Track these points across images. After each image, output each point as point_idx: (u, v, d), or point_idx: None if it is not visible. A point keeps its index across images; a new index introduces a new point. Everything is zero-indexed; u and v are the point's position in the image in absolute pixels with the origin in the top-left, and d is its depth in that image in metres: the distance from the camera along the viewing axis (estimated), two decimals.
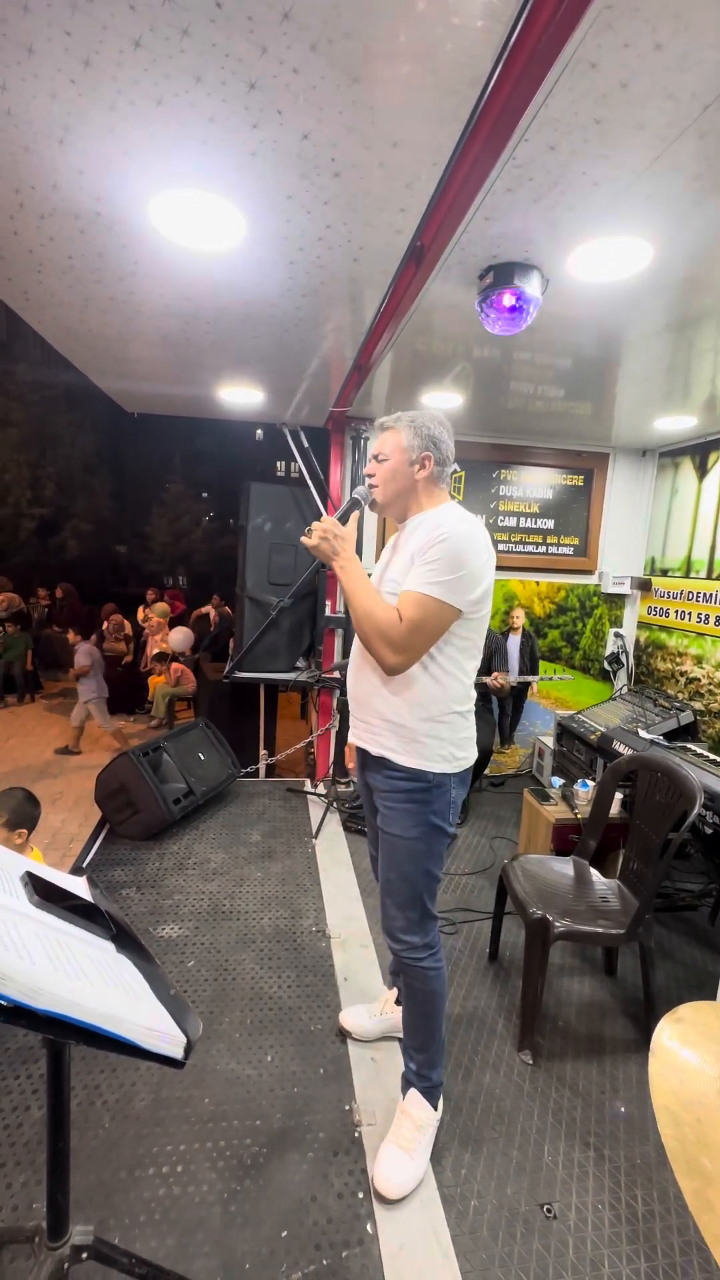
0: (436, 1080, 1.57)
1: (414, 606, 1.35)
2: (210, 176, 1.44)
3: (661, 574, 4.10)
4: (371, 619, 1.37)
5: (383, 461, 1.48)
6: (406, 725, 1.45)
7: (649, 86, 1.12)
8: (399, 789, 1.48)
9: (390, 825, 1.51)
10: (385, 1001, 1.93)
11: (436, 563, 1.35)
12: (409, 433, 1.46)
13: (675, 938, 2.53)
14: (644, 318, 2.12)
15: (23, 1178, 1.42)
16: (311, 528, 1.41)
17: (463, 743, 1.50)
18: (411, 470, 1.47)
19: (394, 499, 1.51)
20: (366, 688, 1.52)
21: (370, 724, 1.52)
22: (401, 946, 1.53)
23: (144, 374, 3.15)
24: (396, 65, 1.09)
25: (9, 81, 1.18)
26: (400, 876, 1.51)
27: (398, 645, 1.36)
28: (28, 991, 0.68)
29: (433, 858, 1.51)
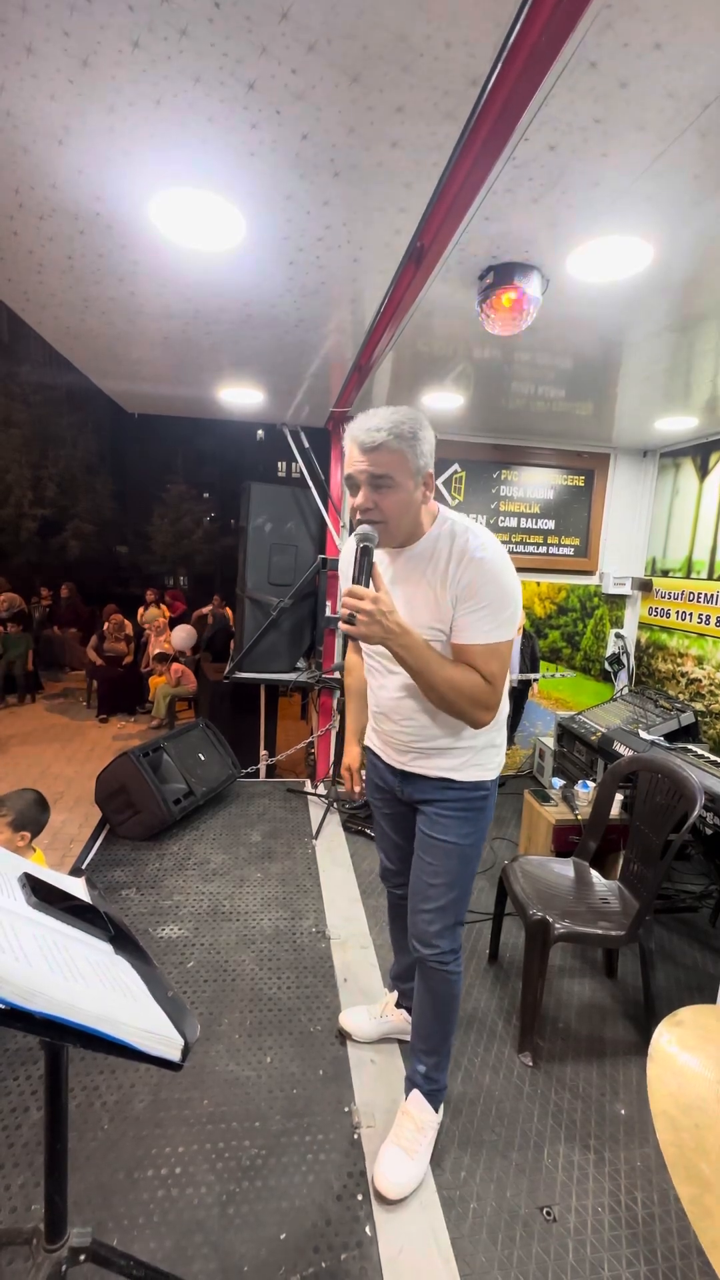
0: (443, 1084, 1.58)
1: (492, 660, 1.26)
2: (209, 176, 1.44)
3: (662, 575, 4.10)
4: (457, 689, 1.24)
5: (387, 489, 1.24)
6: (466, 747, 1.43)
7: (649, 86, 1.11)
8: (458, 799, 1.47)
9: (446, 833, 1.47)
10: (386, 1004, 1.91)
11: (491, 605, 1.25)
12: (412, 453, 1.24)
13: (676, 939, 2.52)
14: (645, 318, 2.12)
15: (21, 1179, 1.42)
16: (351, 608, 1.14)
17: (503, 744, 1.54)
18: (419, 495, 1.29)
19: (404, 530, 1.30)
20: (418, 734, 1.45)
21: (421, 755, 1.47)
22: (433, 951, 1.50)
23: (145, 375, 3.15)
24: (395, 65, 1.09)
25: (8, 82, 1.18)
26: (448, 882, 1.48)
27: (493, 705, 1.30)
28: (24, 994, 0.68)
29: (475, 864, 1.52)
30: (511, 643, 1.30)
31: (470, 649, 1.27)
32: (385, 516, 1.25)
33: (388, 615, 1.16)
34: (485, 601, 1.24)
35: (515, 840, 3.31)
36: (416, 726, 1.44)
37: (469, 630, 1.26)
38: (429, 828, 1.50)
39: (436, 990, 1.53)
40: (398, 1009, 1.88)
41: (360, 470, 1.24)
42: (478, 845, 1.52)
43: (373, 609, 1.14)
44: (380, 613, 1.15)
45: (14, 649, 7.22)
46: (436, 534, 1.32)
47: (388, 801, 1.64)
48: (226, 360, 2.80)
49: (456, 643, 1.29)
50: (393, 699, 1.46)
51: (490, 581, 1.25)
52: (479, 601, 1.25)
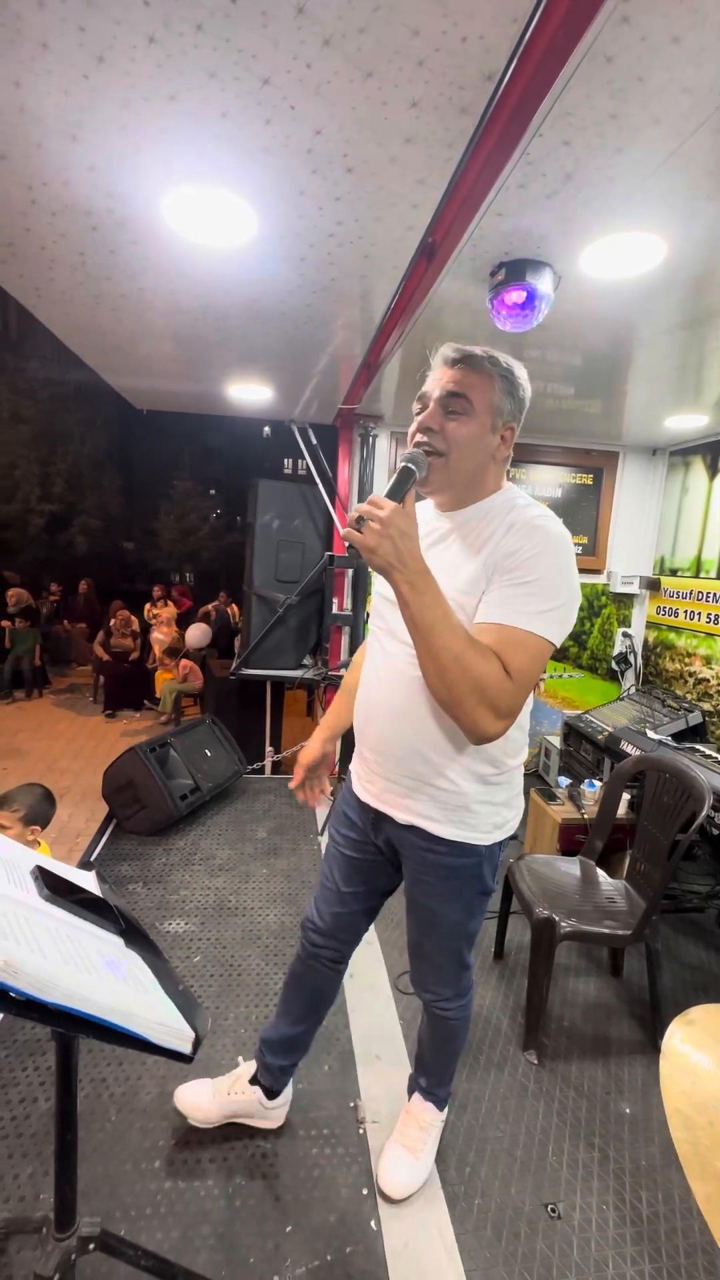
0: (443, 1095, 1.54)
1: (521, 651, 0.96)
2: (222, 172, 1.44)
3: (671, 574, 4.08)
4: (466, 670, 0.93)
5: (464, 415, 1.02)
6: (452, 790, 1.13)
7: (666, 80, 1.10)
8: (441, 866, 1.19)
9: (429, 899, 1.25)
10: (237, 1079, 1.54)
11: (540, 583, 0.98)
12: (503, 387, 1.03)
13: (682, 939, 2.52)
14: (656, 315, 2.10)
15: (30, 1169, 1.43)
16: (361, 514, 0.91)
17: (513, 801, 1.22)
18: (494, 441, 1.07)
19: (463, 478, 1.07)
20: (400, 743, 1.14)
21: (397, 784, 1.17)
22: (432, 996, 1.38)
23: (154, 371, 3.15)
24: (411, 60, 1.09)
25: (23, 78, 1.18)
26: (436, 947, 1.31)
27: (504, 709, 0.96)
28: (39, 985, 0.68)
29: (476, 921, 1.30)
30: (551, 650, 1.00)
31: (495, 629, 0.97)
32: (446, 446, 1.03)
33: (405, 536, 0.91)
34: (533, 576, 0.98)
35: (521, 838, 3.31)
36: (403, 733, 1.14)
37: (504, 606, 0.98)
38: (411, 886, 1.28)
39: (439, 1031, 1.43)
40: (252, 1085, 1.51)
41: (436, 384, 1.04)
42: (470, 912, 1.27)
43: (389, 519, 0.90)
44: (399, 530, 0.91)
45: (22, 644, 7.26)
46: (496, 501, 1.10)
47: (351, 841, 1.34)
48: (235, 356, 2.80)
49: (484, 620, 1.00)
50: (383, 689, 1.16)
51: (546, 555, 0.99)
52: (526, 574, 0.98)
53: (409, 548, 0.92)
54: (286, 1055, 1.52)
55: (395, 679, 1.13)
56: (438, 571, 1.01)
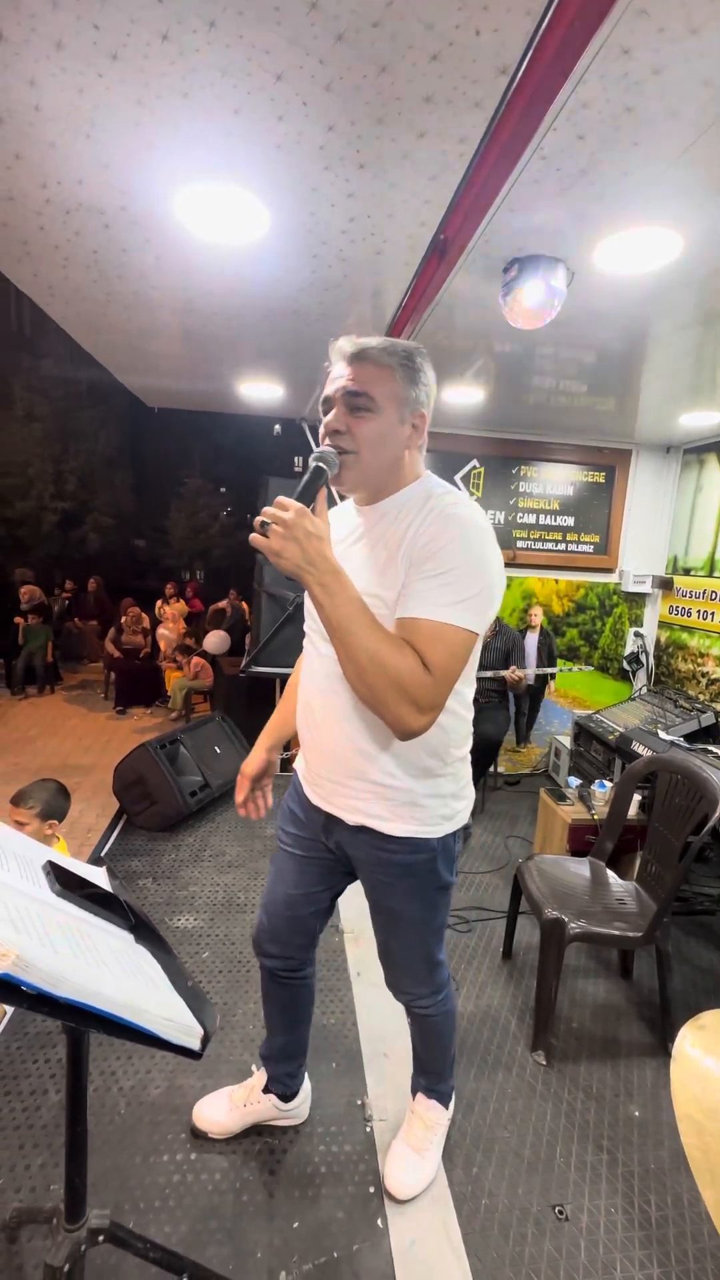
0: (445, 1090, 1.54)
1: (438, 644, 0.95)
2: (234, 169, 1.44)
3: (684, 573, 4.04)
4: (383, 669, 0.92)
5: (365, 413, 1.00)
6: (398, 787, 1.12)
7: (684, 72, 1.09)
8: (394, 864, 1.18)
9: (388, 899, 1.23)
10: (251, 1089, 1.55)
11: (454, 573, 0.96)
12: (404, 377, 1.02)
13: (693, 942, 2.49)
14: (671, 311, 2.08)
15: (40, 1160, 1.45)
16: (266, 518, 0.88)
17: (461, 793, 1.21)
18: (403, 433, 1.04)
19: (377, 474, 1.05)
20: (341, 742, 1.13)
21: (341, 785, 1.15)
22: (408, 998, 1.38)
23: (165, 369, 3.17)
24: (424, 54, 1.08)
25: (38, 76, 1.18)
26: (404, 947, 1.31)
27: (425, 703, 0.95)
28: (50, 979, 0.69)
29: (439, 916, 1.29)
30: (473, 639, 0.99)
31: (415, 623, 0.96)
32: (356, 445, 1.01)
33: (312, 537, 0.88)
34: (447, 567, 0.95)
35: (530, 838, 3.30)
36: (343, 734, 1.12)
37: (418, 599, 0.97)
38: (370, 890, 1.26)
39: (423, 1028, 1.44)
40: (266, 1093, 1.52)
41: (338, 386, 1.01)
42: (432, 909, 1.25)
43: (293, 520, 0.87)
44: (305, 531, 0.87)
45: (34, 641, 7.33)
46: (414, 491, 1.07)
47: (300, 841, 1.31)
48: (247, 354, 2.81)
49: (401, 615, 0.98)
50: (320, 693, 1.14)
51: (458, 545, 0.96)
52: (439, 566, 0.96)
53: (317, 549, 0.90)
54: (288, 1062, 1.52)
55: (331, 679, 1.10)
56: (358, 567, 1.01)
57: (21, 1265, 1.23)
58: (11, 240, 1.85)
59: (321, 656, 1.13)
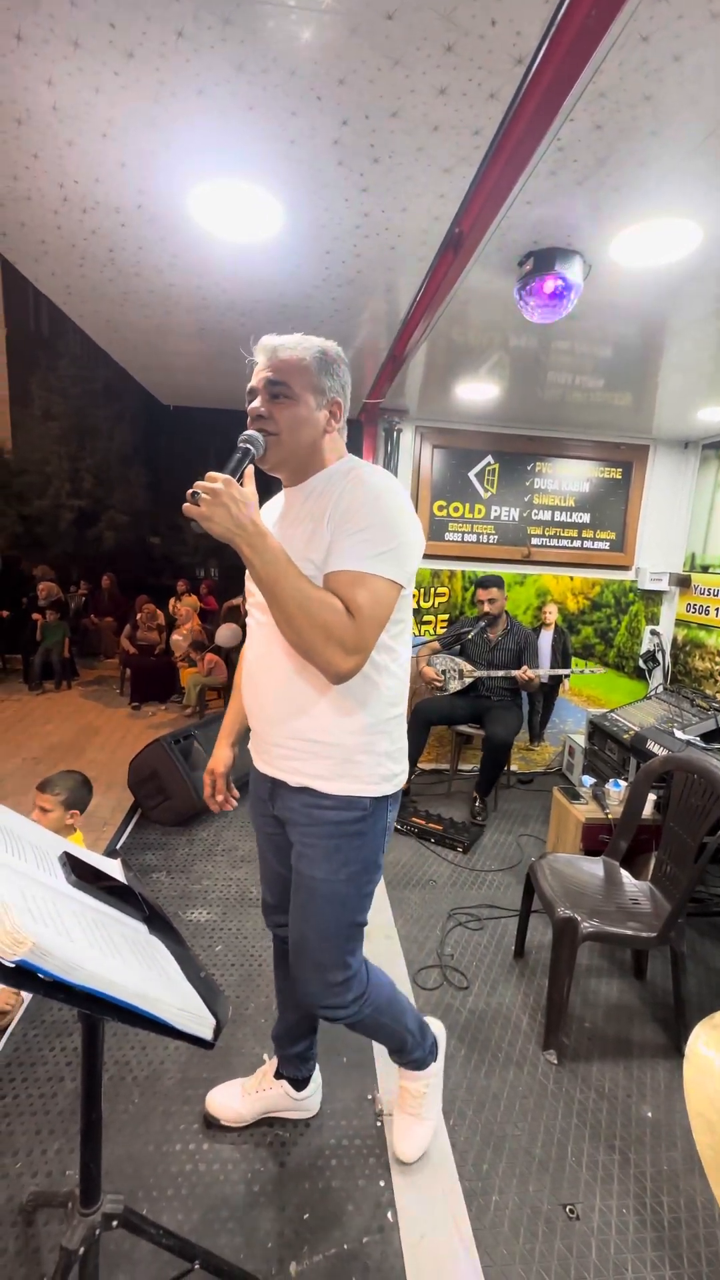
0: (417, 1058, 1.48)
1: (360, 590, 1.05)
2: (249, 165, 1.44)
3: (702, 570, 3.98)
4: (311, 615, 1.02)
5: (285, 400, 1.13)
6: (335, 743, 1.17)
7: (704, 59, 1.07)
8: (325, 821, 1.20)
9: (312, 867, 1.22)
10: (263, 1074, 1.58)
11: (370, 530, 1.07)
12: (317, 368, 1.14)
13: (709, 944, 2.47)
14: (690, 304, 2.05)
15: (56, 1145, 1.47)
16: (197, 489, 0.98)
17: (398, 754, 1.25)
18: (320, 418, 1.16)
19: (298, 453, 1.16)
20: (281, 703, 1.19)
21: (282, 747, 1.21)
22: (328, 1011, 1.28)
23: (181, 366, 3.19)
24: (439, 45, 1.07)
25: (55, 76, 1.19)
26: (319, 933, 1.23)
27: (351, 645, 1.04)
28: (66, 967, 0.70)
29: (361, 904, 1.26)
30: (394, 588, 1.09)
31: (337, 575, 1.07)
32: (278, 427, 1.13)
33: (238, 503, 0.98)
34: (362, 525, 1.07)
35: (543, 837, 3.28)
36: (282, 695, 1.19)
37: (339, 555, 1.07)
38: (296, 860, 1.26)
39: (360, 1030, 1.37)
40: (277, 1079, 1.55)
41: (260, 376, 1.14)
42: (357, 884, 1.23)
43: (221, 489, 0.97)
44: (231, 497, 0.97)
45: (51, 637, 7.43)
46: (334, 470, 1.19)
47: (264, 820, 1.35)
48: None
49: (326, 571, 1.09)
50: (259, 659, 1.22)
51: (370, 504, 1.08)
52: (355, 525, 1.07)
53: (244, 513, 0.99)
54: (298, 1041, 1.53)
55: (269, 645, 1.19)
56: (287, 540, 1.10)
57: (38, 1248, 1.25)
58: (29, 240, 1.87)
59: (260, 626, 1.22)
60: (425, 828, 3.23)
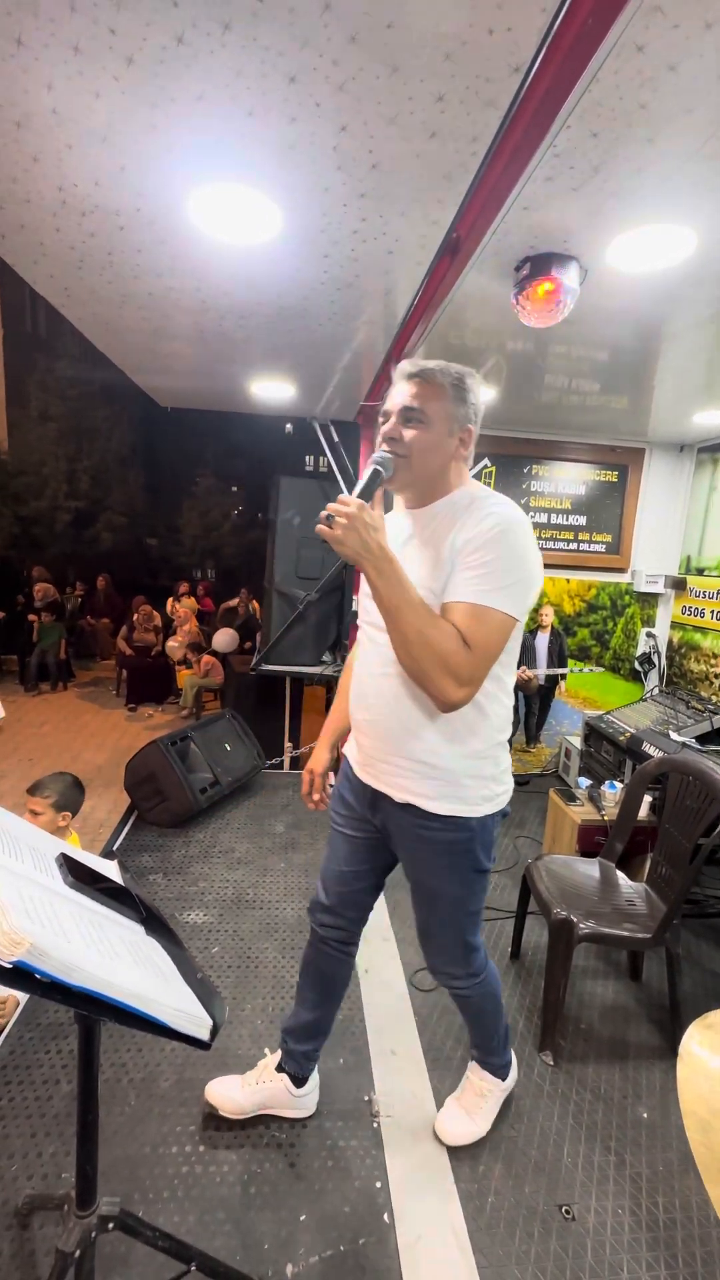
0: (498, 1063, 1.58)
1: (477, 624, 1.08)
2: (248, 170, 1.45)
3: (698, 573, 4.00)
4: (428, 644, 1.06)
5: (420, 425, 1.16)
6: (444, 767, 1.21)
7: (698, 68, 1.08)
8: (433, 840, 1.26)
9: (423, 875, 1.32)
10: (264, 1067, 1.59)
11: (492, 564, 1.09)
12: (454, 396, 1.17)
13: (704, 945, 2.48)
14: (685, 308, 2.06)
15: (52, 1148, 1.47)
16: (331, 512, 1.03)
17: (503, 775, 1.30)
18: (452, 443, 1.20)
19: (425, 477, 1.20)
20: (391, 722, 1.23)
21: (391, 764, 1.26)
22: (445, 977, 1.45)
23: (178, 369, 3.19)
24: (437, 53, 1.08)
25: (55, 81, 1.20)
26: (440, 924, 1.38)
27: (464, 676, 1.08)
28: (63, 968, 0.70)
29: (475, 898, 1.35)
30: (511, 622, 1.12)
31: (456, 606, 1.10)
32: (408, 450, 1.16)
33: (369, 528, 1.04)
34: (485, 559, 1.10)
35: (539, 839, 3.28)
36: (393, 715, 1.23)
37: (459, 586, 1.11)
38: (408, 867, 1.35)
39: (465, 1009, 1.52)
40: (279, 1073, 1.55)
41: (396, 402, 1.18)
42: (469, 888, 1.32)
43: (355, 514, 1.03)
44: (363, 522, 1.03)
45: (48, 638, 7.42)
46: (459, 496, 1.22)
47: (350, 820, 1.42)
48: (259, 354, 2.82)
49: (445, 600, 1.13)
50: (373, 677, 1.26)
51: (495, 540, 1.10)
52: (479, 557, 1.10)
53: (374, 538, 1.05)
54: (308, 1040, 1.55)
55: (385, 664, 1.21)
56: (408, 564, 1.14)
57: (34, 1251, 1.25)
58: (28, 242, 1.87)
59: (375, 644, 1.25)
60: None
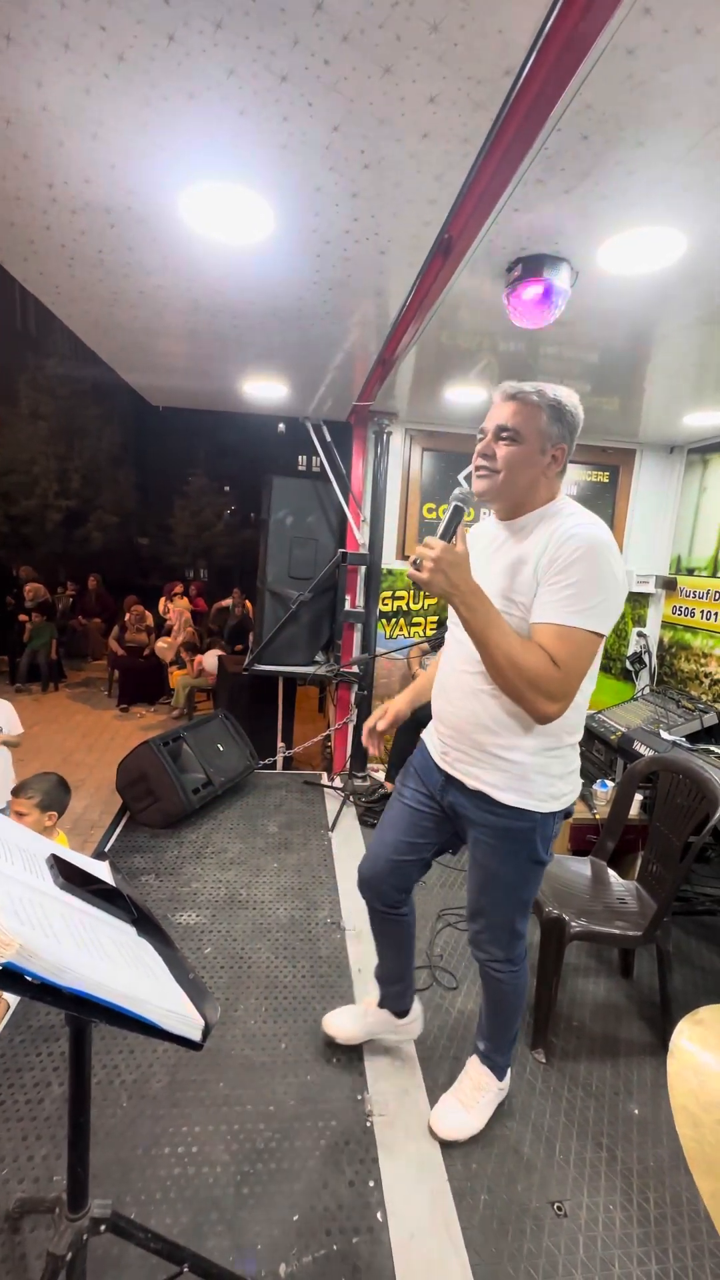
0: (499, 1061, 1.62)
1: (564, 644, 1.15)
2: (240, 169, 1.44)
3: (688, 573, 4.03)
4: (518, 668, 1.14)
5: (513, 442, 1.24)
6: (514, 761, 1.30)
7: (688, 72, 1.09)
8: (497, 826, 1.36)
9: (484, 856, 1.42)
10: (367, 1003, 1.84)
11: (580, 584, 1.15)
12: (549, 416, 1.24)
13: (694, 942, 2.50)
14: (676, 310, 2.08)
15: (43, 1151, 1.46)
16: (419, 557, 1.12)
17: (570, 776, 1.38)
18: (544, 460, 1.27)
19: (516, 491, 1.28)
20: (468, 716, 1.34)
21: (465, 753, 1.37)
22: (485, 956, 1.52)
23: (170, 368, 3.18)
24: (429, 55, 1.08)
25: (45, 77, 1.19)
26: (493, 905, 1.46)
27: (556, 694, 1.16)
28: (54, 969, 0.70)
29: (528, 888, 1.44)
30: (596, 640, 1.18)
31: (543, 628, 1.18)
32: (499, 466, 1.25)
33: (455, 567, 1.12)
34: (572, 579, 1.15)
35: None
36: (471, 709, 1.34)
37: (546, 607, 1.18)
38: (471, 847, 1.46)
39: (491, 990, 1.56)
40: (380, 1009, 1.79)
41: (492, 419, 1.27)
42: (524, 875, 1.41)
43: (439, 556, 1.11)
44: (448, 563, 1.11)
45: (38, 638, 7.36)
46: (547, 510, 1.29)
47: (417, 795, 1.53)
48: (251, 353, 2.81)
49: (533, 621, 1.20)
50: (455, 672, 1.37)
51: (582, 560, 1.15)
52: (565, 578, 1.16)
53: (460, 576, 1.13)
54: (395, 984, 1.74)
55: (466, 663, 1.33)
56: (498, 572, 1.26)
57: (25, 1254, 1.24)
58: (18, 239, 1.86)
59: (459, 644, 1.36)
60: None
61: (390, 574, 4.04)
